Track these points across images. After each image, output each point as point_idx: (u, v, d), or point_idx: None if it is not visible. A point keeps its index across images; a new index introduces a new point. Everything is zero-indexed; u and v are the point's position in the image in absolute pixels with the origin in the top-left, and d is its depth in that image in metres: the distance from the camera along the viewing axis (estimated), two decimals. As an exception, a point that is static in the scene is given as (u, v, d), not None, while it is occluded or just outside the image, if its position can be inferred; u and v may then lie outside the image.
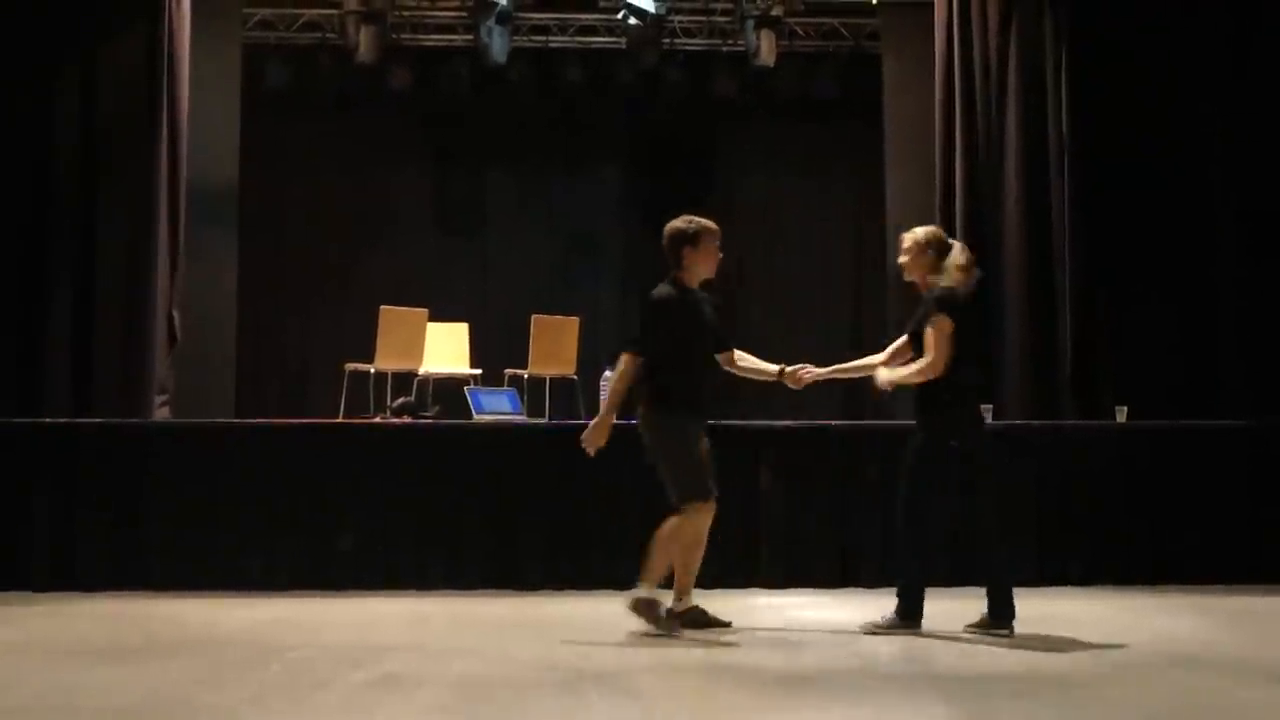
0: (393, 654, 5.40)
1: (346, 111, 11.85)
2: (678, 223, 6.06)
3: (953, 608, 6.36)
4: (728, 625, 5.97)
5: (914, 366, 5.83)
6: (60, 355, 8.53)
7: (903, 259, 6.02)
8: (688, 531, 5.86)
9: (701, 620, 5.95)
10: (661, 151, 12.42)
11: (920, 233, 6.01)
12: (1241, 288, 8.85)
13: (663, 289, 6.03)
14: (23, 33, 8.64)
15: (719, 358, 6.16)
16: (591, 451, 5.95)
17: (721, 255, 6.09)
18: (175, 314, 8.92)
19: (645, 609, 5.82)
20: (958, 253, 5.95)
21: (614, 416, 5.97)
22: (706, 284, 6.12)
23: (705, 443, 6.00)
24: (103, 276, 8.68)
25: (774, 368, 6.18)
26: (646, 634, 5.81)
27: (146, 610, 6.54)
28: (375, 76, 11.33)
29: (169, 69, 8.91)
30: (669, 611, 5.91)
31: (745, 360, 6.21)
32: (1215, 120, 8.94)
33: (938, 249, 5.93)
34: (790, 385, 6.20)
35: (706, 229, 6.05)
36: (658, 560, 5.88)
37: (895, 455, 6.62)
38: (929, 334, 5.78)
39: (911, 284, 6.08)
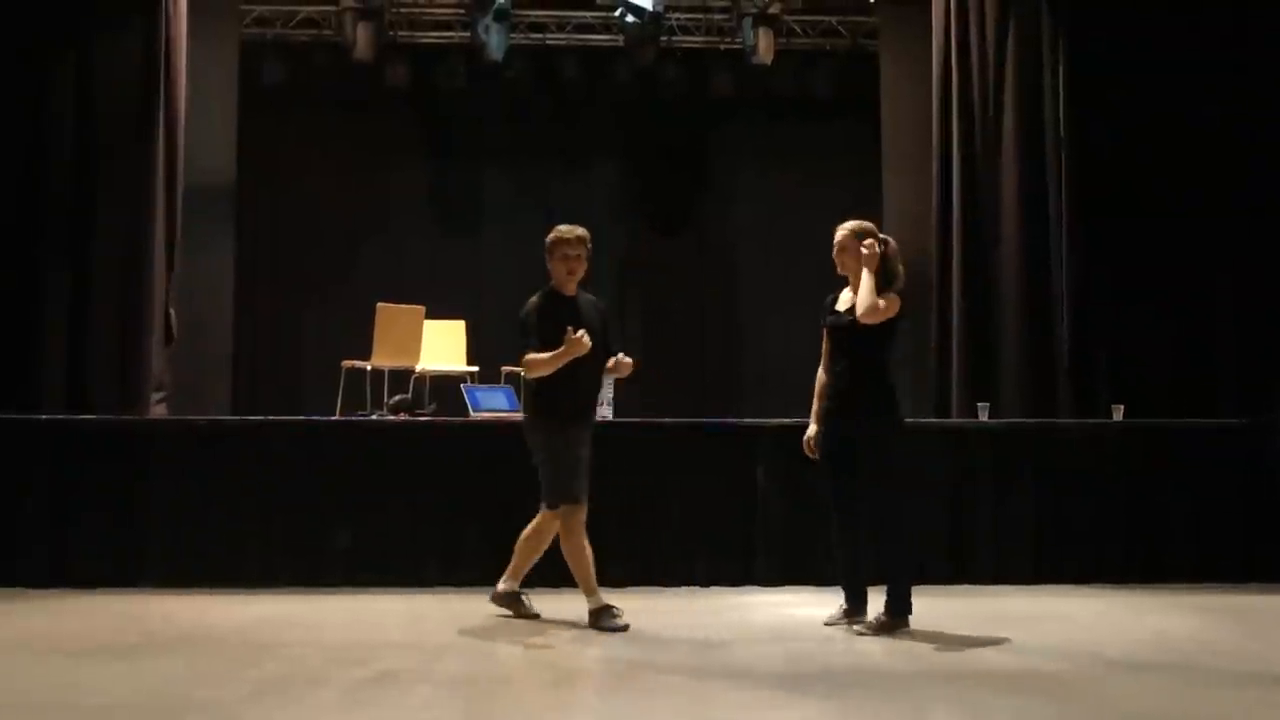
0: (389, 651, 5.41)
1: (343, 108, 11.85)
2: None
3: (950, 606, 6.39)
4: (536, 616, 6.18)
5: (878, 298, 5.80)
6: (57, 352, 8.51)
7: (842, 254, 5.97)
8: (562, 532, 6.02)
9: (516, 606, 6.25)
10: (658, 149, 12.43)
11: (858, 225, 6.01)
12: (1238, 285, 8.86)
13: (533, 298, 6.16)
14: (18, 27, 8.61)
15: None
16: None
17: (577, 259, 6.14)
18: (172, 311, 8.91)
19: (504, 601, 6.24)
20: (895, 247, 6.01)
21: None
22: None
23: (584, 447, 6.04)
24: (99, 273, 8.66)
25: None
26: (641, 631, 5.83)
27: (143, 608, 6.53)
28: (372, 73, 11.33)
29: (166, 65, 8.89)
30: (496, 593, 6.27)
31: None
32: (1215, 121, 8.93)
33: (877, 242, 5.97)
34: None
35: (558, 238, 6.20)
36: (521, 558, 6.22)
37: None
38: (885, 300, 5.80)
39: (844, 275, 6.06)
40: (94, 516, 7.16)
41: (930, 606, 6.42)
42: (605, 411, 7.61)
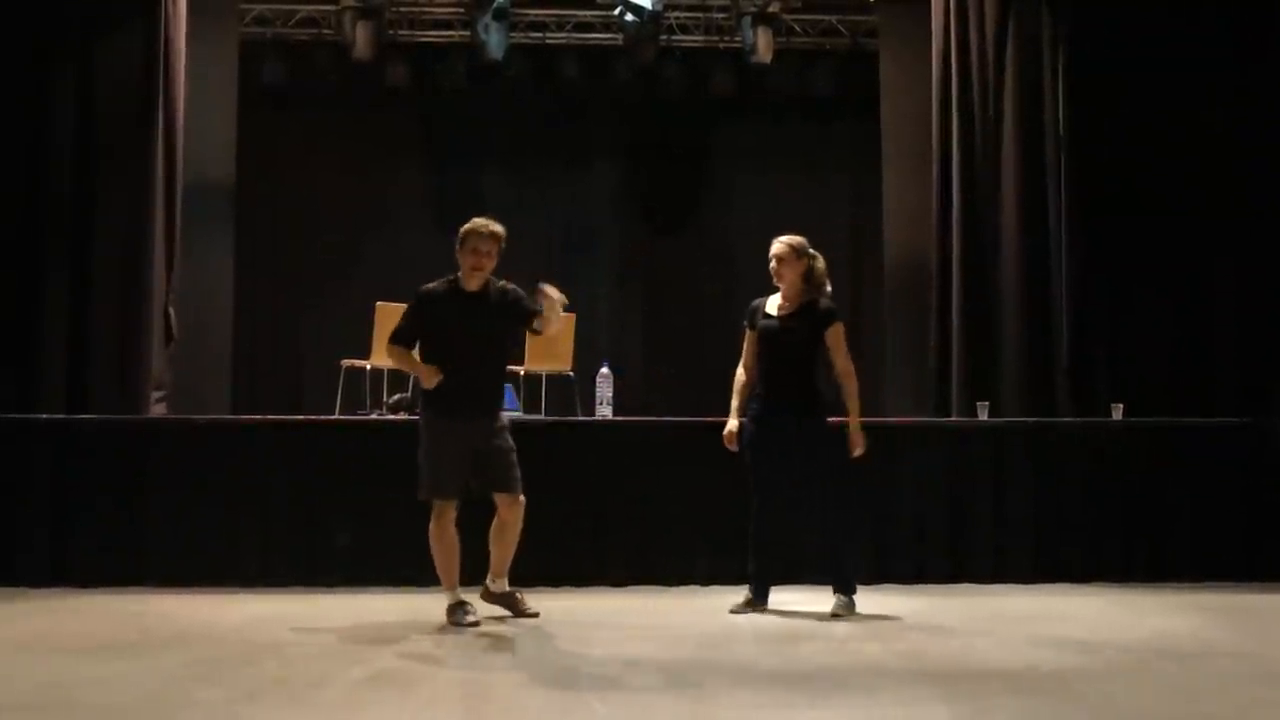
0: (389, 650, 5.41)
1: (343, 107, 11.82)
2: None
3: (950, 605, 6.38)
4: (535, 615, 6.21)
5: (853, 394, 6.29)
6: (57, 352, 8.50)
7: (780, 265, 6.41)
8: (431, 529, 6.08)
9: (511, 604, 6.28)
10: (658, 148, 12.41)
11: (795, 240, 6.46)
12: (1237, 286, 8.86)
13: (431, 283, 6.18)
14: (18, 28, 8.61)
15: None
16: None
17: (487, 255, 6.14)
18: (172, 310, 8.91)
19: (497, 599, 6.28)
20: (823, 264, 6.44)
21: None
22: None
23: (465, 443, 6.03)
24: (99, 273, 8.66)
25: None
26: (641, 630, 5.83)
27: (142, 606, 6.53)
28: (372, 72, 11.31)
29: (165, 64, 8.88)
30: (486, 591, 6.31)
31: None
32: (1214, 122, 8.92)
33: (809, 257, 6.40)
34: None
35: (469, 230, 6.17)
36: (498, 553, 6.28)
37: (888, 451, 6.66)
38: (838, 342, 6.31)
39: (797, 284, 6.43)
40: (94, 516, 7.17)
41: (930, 605, 6.43)
42: (605, 411, 7.61)
